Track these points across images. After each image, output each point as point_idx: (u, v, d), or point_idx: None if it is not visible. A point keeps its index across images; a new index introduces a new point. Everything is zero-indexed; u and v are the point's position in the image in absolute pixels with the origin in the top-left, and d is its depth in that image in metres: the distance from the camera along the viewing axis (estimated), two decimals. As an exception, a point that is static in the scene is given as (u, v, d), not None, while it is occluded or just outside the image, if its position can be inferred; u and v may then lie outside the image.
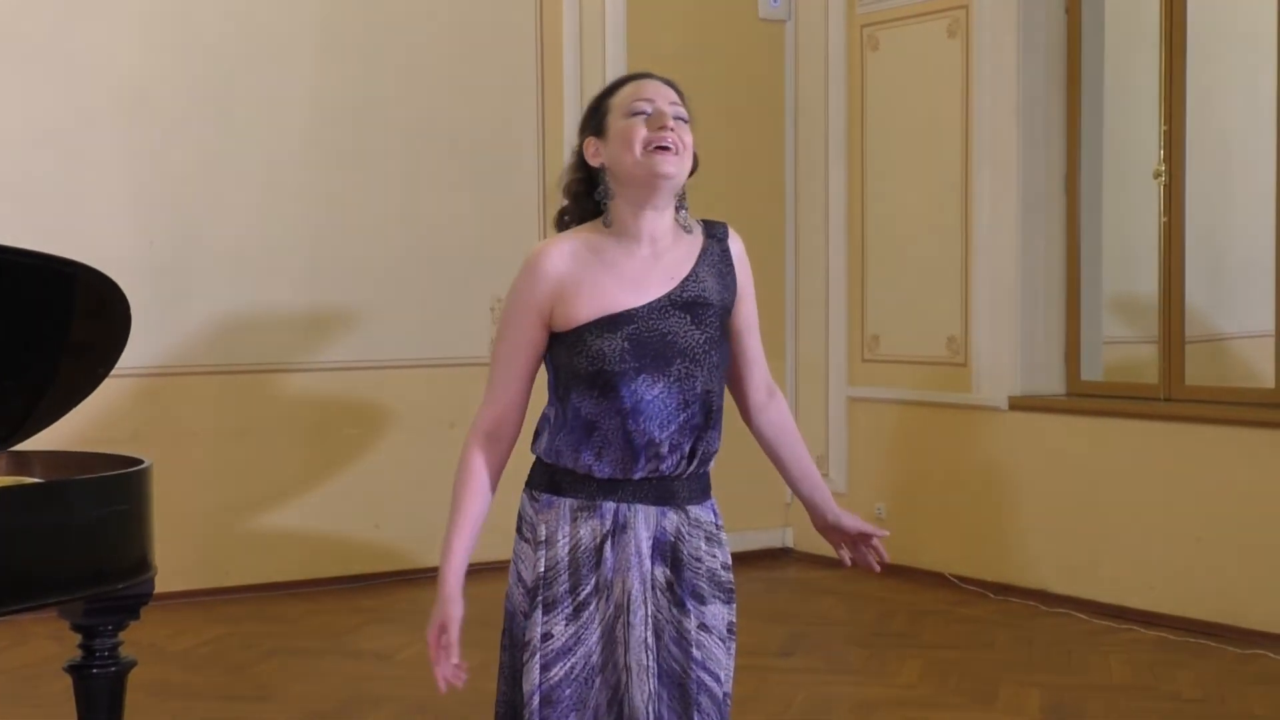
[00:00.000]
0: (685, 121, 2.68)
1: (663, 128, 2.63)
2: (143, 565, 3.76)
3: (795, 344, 7.88)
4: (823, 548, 7.56)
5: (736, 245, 2.83)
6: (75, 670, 3.88)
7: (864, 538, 2.93)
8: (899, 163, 7.40)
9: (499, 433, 2.74)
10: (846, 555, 3.00)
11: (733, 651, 2.75)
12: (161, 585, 3.98)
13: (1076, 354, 6.93)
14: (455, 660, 2.66)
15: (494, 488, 2.76)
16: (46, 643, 5.80)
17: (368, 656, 5.85)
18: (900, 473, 7.42)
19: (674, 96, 2.69)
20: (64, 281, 3.91)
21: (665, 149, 2.62)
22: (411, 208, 7.16)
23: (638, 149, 2.62)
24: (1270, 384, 6.19)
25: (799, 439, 2.95)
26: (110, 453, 4.12)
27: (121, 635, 3.88)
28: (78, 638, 3.88)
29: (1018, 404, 6.86)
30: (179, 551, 5.94)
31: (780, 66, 7.85)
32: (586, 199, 2.75)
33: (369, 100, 7.07)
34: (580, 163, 2.75)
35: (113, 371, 4.12)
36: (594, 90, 7.95)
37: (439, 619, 2.66)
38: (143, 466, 3.78)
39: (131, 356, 4.28)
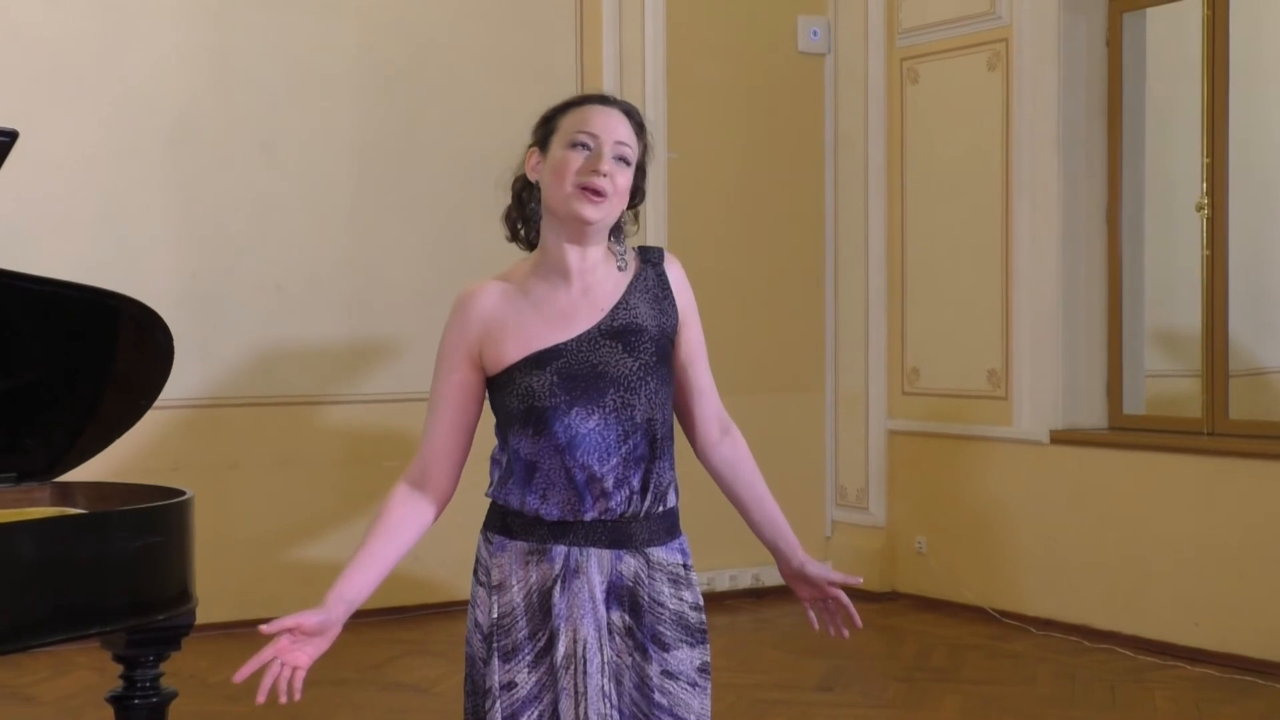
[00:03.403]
0: (627, 163, 2.58)
1: (595, 171, 2.54)
2: (183, 596, 3.78)
3: (835, 376, 7.86)
4: (863, 583, 7.52)
5: (674, 269, 2.72)
6: (117, 701, 3.90)
7: (832, 593, 2.78)
8: (939, 196, 7.39)
9: (426, 482, 2.67)
10: (814, 618, 2.84)
11: (708, 692, 2.66)
12: (202, 616, 3.99)
13: (1118, 387, 6.90)
14: (299, 665, 2.55)
15: (415, 538, 2.67)
16: (88, 673, 5.82)
17: (405, 688, 5.85)
18: (941, 506, 7.39)
19: (623, 134, 2.59)
20: (107, 313, 3.94)
21: (592, 193, 2.54)
22: (451, 241, 7.18)
23: (568, 184, 2.55)
24: (1315, 418, 6.14)
25: (759, 478, 2.80)
26: (152, 484, 4.14)
27: (163, 666, 3.90)
28: (119, 668, 3.90)
29: (1059, 437, 6.82)
30: (219, 582, 5.96)
31: (820, 100, 7.86)
32: (528, 202, 2.69)
33: (410, 133, 7.10)
34: (521, 164, 2.71)
35: (155, 403, 4.15)
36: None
37: (295, 617, 2.55)
38: (183, 498, 3.80)
39: (174, 388, 4.31)
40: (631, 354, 2.60)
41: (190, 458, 6.59)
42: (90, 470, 4.24)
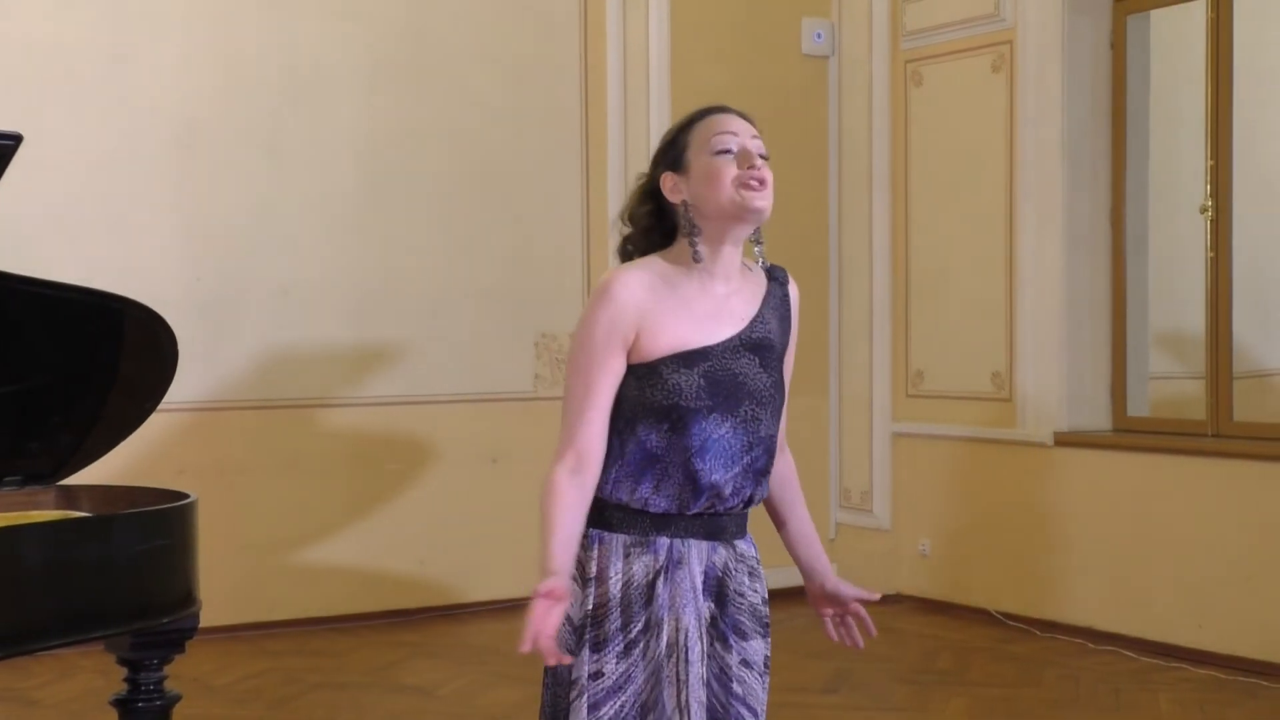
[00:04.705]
0: (766, 158, 2.64)
1: (752, 166, 2.60)
2: (187, 600, 3.78)
3: (839, 379, 7.86)
4: (865, 584, 7.50)
5: (795, 292, 2.79)
6: (121, 704, 3.90)
7: (854, 609, 2.83)
8: (943, 198, 7.39)
9: (583, 470, 2.59)
10: (832, 630, 2.88)
11: (767, 685, 2.74)
12: (206, 619, 3.99)
13: (1123, 390, 6.89)
14: (549, 634, 2.43)
15: (584, 520, 2.62)
16: (93, 676, 5.82)
17: (411, 691, 5.85)
18: (945, 509, 7.38)
19: (753, 130, 2.66)
20: (112, 317, 3.95)
21: (757, 181, 2.59)
22: (456, 243, 7.19)
23: (729, 187, 2.59)
24: (1320, 420, 6.13)
25: (802, 499, 2.89)
26: (156, 487, 4.15)
27: (167, 669, 3.90)
28: (123, 671, 3.91)
29: (1063, 440, 6.82)
30: (224, 586, 5.96)
31: (824, 102, 7.86)
32: (654, 232, 2.70)
33: (414, 136, 7.11)
34: (649, 195, 2.70)
35: (160, 406, 4.15)
36: (638, 126, 7.93)
37: (552, 582, 2.45)
38: (187, 501, 3.80)
39: (178, 391, 4.32)
40: (765, 369, 2.66)
41: (196, 461, 6.59)
42: (95, 473, 4.24)
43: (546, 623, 2.43)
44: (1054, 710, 5.56)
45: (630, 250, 2.74)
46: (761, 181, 2.60)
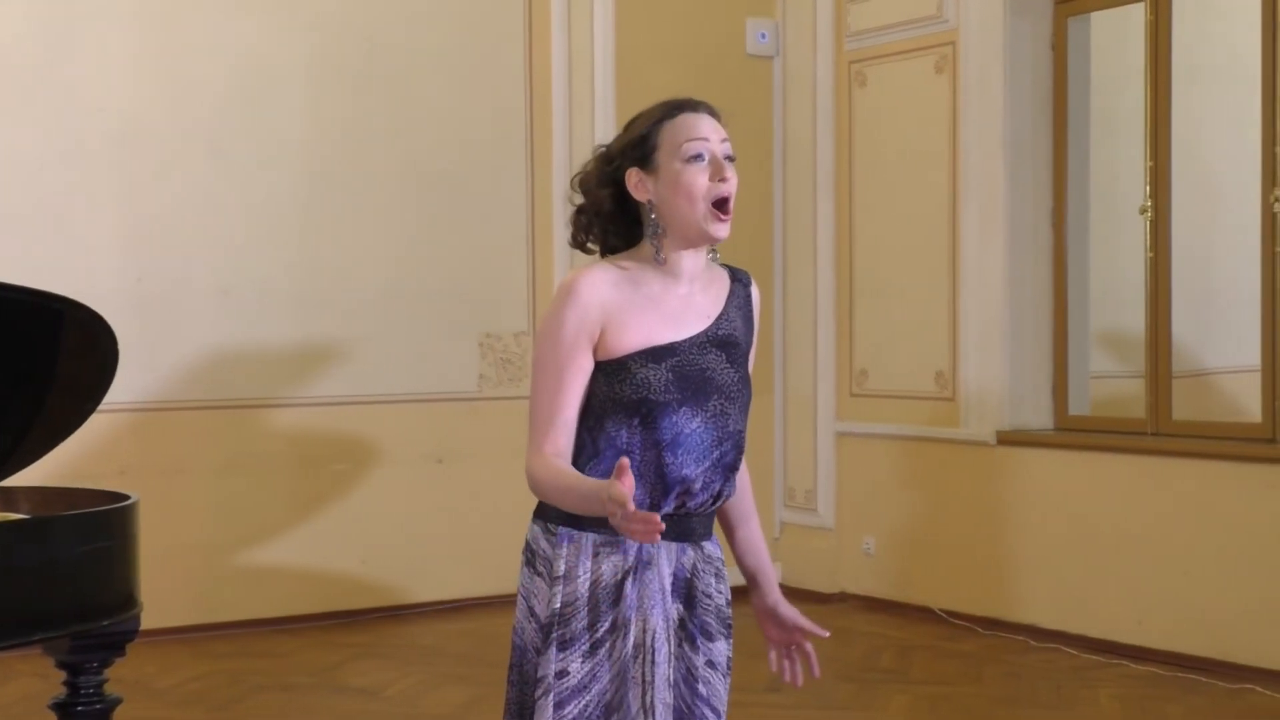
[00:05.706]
0: (733, 159, 2.65)
1: (723, 178, 2.61)
2: (129, 602, 3.74)
3: (783, 378, 7.88)
4: (810, 582, 7.58)
5: (757, 294, 2.83)
6: (61, 708, 3.86)
7: (798, 640, 2.84)
8: (887, 198, 7.42)
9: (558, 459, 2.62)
10: (774, 658, 2.88)
11: (729, 685, 2.75)
12: (148, 621, 3.96)
13: (1064, 389, 6.95)
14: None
15: None
16: (31, 680, 5.77)
17: (355, 692, 5.83)
18: (889, 508, 7.42)
19: (723, 132, 2.67)
20: (52, 317, 3.90)
21: (724, 209, 2.61)
22: (400, 243, 7.16)
23: (701, 206, 2.61)
24: (1257, 418, 6.20)
25: (753, 509, 2.91)
26: (97, 488, 4.11)
27: (107, 672, 3.87)
28: (63, 675, 3.86)
29: (1006, 439, 6.86)
30: (166, 587, 5.91)
31: (768, 102, 7.88)
32: (618, 221, 2.72)
33: (359, 137, 7.08)
34: (610, 179, 2.70)
35: (100, 406, 4.12)
36: (583, 126, 7.88)
37: (614, 491, 2.33)
38: (128, 502, 3.77)
39: (119, 391, 4.28)
40: (732, 365, 2.70)
41: (137, 461, 6.54)
42: (35, 474, 4.20)
43: (628, 502, 2.32)
44: (996, 707, 5.59)
45: (585, 222, 2.74)
46: (726, 207, 2.62)
